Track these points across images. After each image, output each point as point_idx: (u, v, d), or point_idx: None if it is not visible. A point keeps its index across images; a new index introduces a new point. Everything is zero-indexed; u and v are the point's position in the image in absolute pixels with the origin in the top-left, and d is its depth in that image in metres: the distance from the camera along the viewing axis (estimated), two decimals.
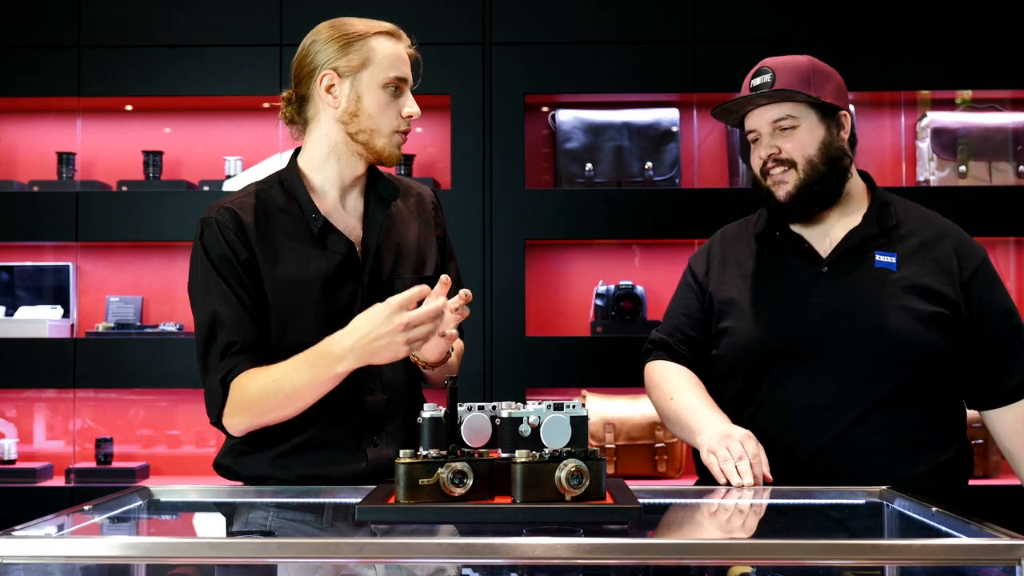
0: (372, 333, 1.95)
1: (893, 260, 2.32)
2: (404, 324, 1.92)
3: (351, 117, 2.14)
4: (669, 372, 2.43)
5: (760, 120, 2.35)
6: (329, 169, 2.18)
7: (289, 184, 2.18)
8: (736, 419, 2.31)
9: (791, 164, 2.32)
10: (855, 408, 2.26)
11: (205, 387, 2.11)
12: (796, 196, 2.32)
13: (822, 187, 2.32)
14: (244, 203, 2.15)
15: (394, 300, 1.94)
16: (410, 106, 2.17)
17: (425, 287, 1.95)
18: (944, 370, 2.31)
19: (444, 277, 1.98)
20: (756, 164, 2.37)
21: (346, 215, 2.19)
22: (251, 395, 2.05)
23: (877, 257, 2.33)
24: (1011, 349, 2.33)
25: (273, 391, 2.03)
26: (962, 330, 2.31)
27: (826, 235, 2.36)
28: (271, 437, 2.12)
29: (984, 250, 2.39)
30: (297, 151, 2.23)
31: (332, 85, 2.13)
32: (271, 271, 2.11)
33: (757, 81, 2.34)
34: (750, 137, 2.38)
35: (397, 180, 2.28)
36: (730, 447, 2.11)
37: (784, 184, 2.33)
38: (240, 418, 2.08)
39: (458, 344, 2.30)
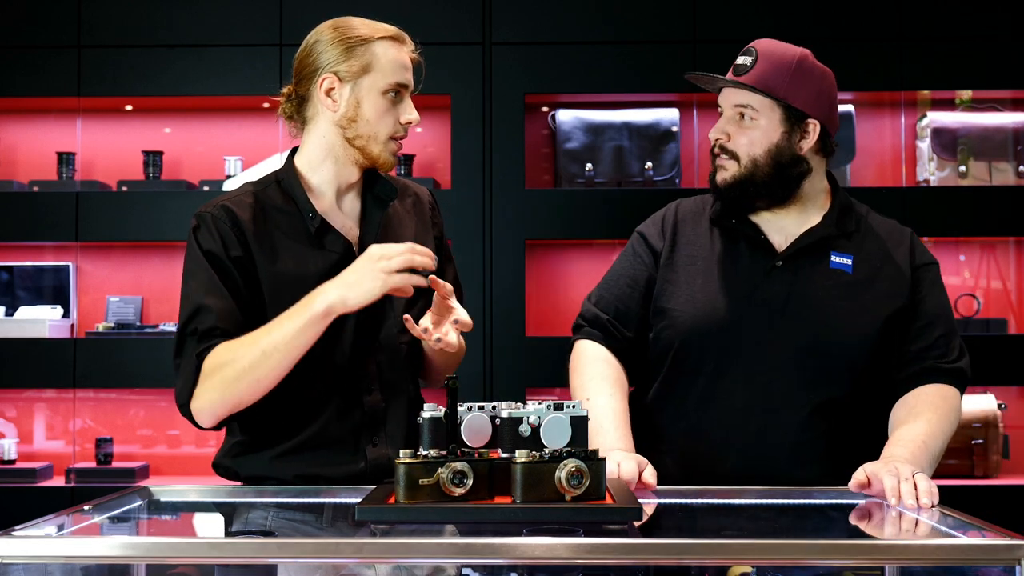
0: (351, 269, 2.00)
1: (849, 262, 2.26)
2: (380, 255, 1.97)
3: (349, 122, 2.13)
4: (591, 366, 2.30)
5: (726, 99, 2.28)
6: (326, 170, 2.18)
7: (286, 184, 2.18)
8: (668, 413, 2.27)
9: (734, 156, 2.25)
10: (798, 411, 2.20)
11: (178, 370, 2.07)
12: (732, 186, 2.25)
13: (762, 187, 2.24)
14: (241, 201, 2.15)
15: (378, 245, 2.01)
16: (409, 113, 2.15)
17: (415, 246, 1.99)
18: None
19: (447, 287, 2.02)
20: (710, 139, 2.31)
21: (343, 215, 2.19)
22: (223, 359, 2.01)
23: (833, 258, 2.26)
24: (937, 339, 2.24)
25: (248, 350, 1.99)
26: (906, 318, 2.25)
27: (783, 230, 2.28)
28: (270, 436, 2.12)
29: (938, 261, 2.33)
30: (294, 150, 2.23)
31: (332, 89, 2.12)
32: (268, 268, 2.11)
33: (740, 60, 2.26)
34: (719, 109, 2.32)
35: (395, 180, 2.27)
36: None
37: (724, 171, 2.26)
38: (210, 394, 2.02)
39: (462, 339, 2.29)
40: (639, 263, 2.36)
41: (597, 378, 2.27)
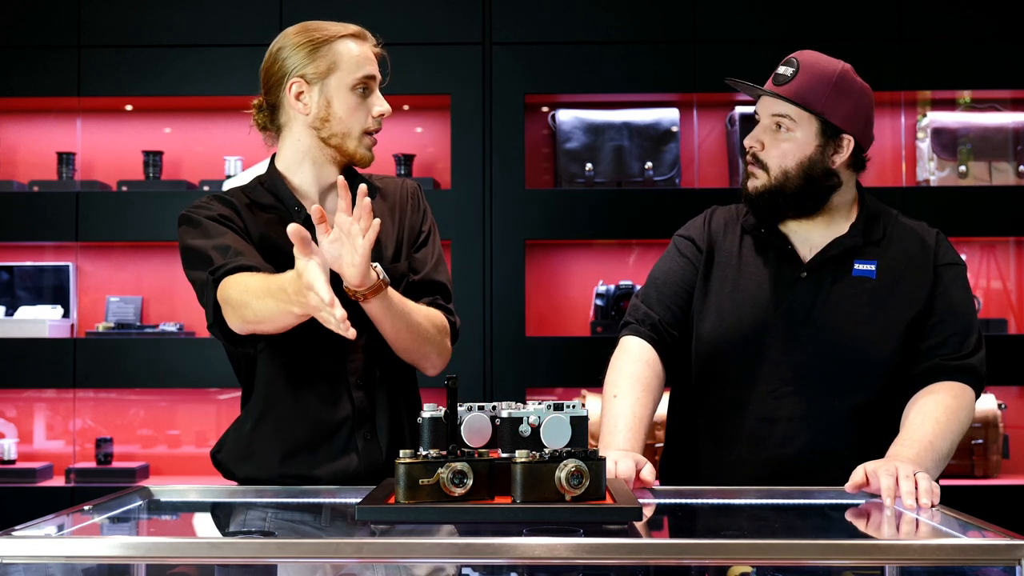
0: None
1: (872, 268, 2.26)
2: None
3: (322, 122, 2.16)
4: (630, 366, 2.27)
5: (764, 108, 2.27)
6: (305, 172, 2.20)
7: (270, 184, 2.21)
8: (699, 418, 2.28)
9: (764, 167, 2.25)
10: (826, 419, 2.20)
11: (204, 295, 2.05)
12: (761, 195, 2.26)
13: (791, 199, 2.24)
14: (233, 193, 2.20)
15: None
16: (379, 105, 2.18)
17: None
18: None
19: (362, 187, 1.91)
20: (745, 146, 2.30)
21: (328, 214, 2.18)
22: (243, 287, 1.98)
23: (856, 266, 2.26)
24: (948, 336, 2.22)
25: (262, 290, 1.96)
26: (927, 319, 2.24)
27: (809, 241, 2.29)
28: (262, 439, 2.13)
29: (964, 262, 2.32)
30: (273, 157, 2.26)
31: (301, 92, 2.15)
32: (257, 249, 2.13)
33: (780, 69, 2.26)
34: (755, 116, 2.31)
35: (379, 179, 2.29)
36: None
37: (754, 179, 2.27)
38: (234, 314, 2.00)
39: (436, 315, 2.23)
40: (688, 265, 2.36)
41: (631, 378, 2.25)
